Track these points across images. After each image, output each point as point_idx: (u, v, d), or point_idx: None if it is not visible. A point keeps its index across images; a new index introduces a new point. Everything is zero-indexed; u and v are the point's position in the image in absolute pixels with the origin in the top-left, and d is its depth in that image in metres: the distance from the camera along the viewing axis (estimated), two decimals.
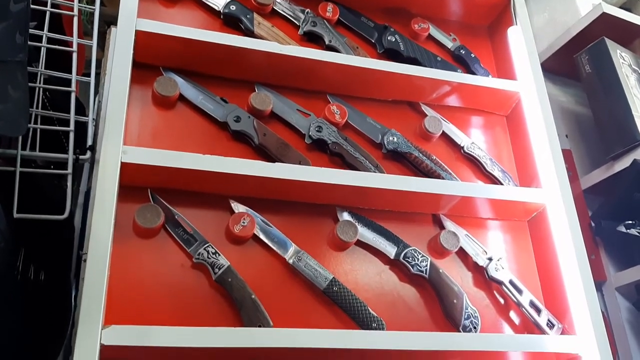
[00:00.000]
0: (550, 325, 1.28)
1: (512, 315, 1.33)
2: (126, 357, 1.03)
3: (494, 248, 1.39)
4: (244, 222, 1.20)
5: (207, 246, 1.16)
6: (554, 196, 1.37)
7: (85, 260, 1.01)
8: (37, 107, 1.24)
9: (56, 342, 0.99)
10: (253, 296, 1.13)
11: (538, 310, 1.29)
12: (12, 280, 1.03)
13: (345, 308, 1.20)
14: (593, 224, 1.59)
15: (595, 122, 1.66)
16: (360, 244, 1.29)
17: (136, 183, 1.16)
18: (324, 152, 1.35)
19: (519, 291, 1.31)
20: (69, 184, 1.12)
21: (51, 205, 1.13)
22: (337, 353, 1.11)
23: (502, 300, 1.34)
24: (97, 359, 0.94)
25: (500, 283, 1.32)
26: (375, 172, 1.32)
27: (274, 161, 1.26)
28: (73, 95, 1.23)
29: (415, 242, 1.30)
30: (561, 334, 1.28)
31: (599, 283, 1.53)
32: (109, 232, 1.03)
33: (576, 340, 1.24)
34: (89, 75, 1.29)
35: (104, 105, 1.26)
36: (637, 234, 1.45)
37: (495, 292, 1.34)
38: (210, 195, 1.22)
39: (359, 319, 1.19)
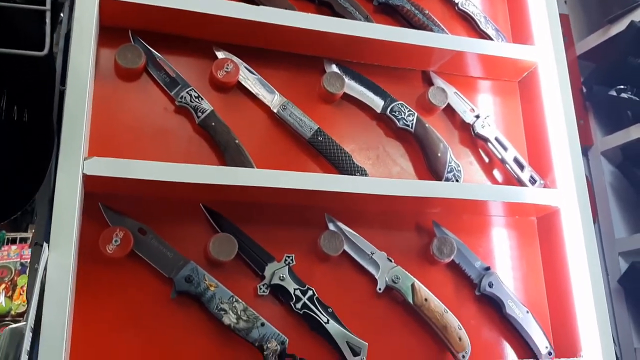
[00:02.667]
0: (532, 181, 1.30)
1: (496, 172, 1.35)
2: (110, 192, 1.04)
3: (483, 107, 1.37)
4: (227, 68, 1.17)
5: (190, 90, 1.14)
6: (546, 55, 1.34)
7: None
8: None
9: (37, 177, 0.99)
10: (237, 141, 1.13)
11: (521, 167, 1.30)
12: None
13: (330, 157, 1.20)
14: (584, 89, 1.57)
15: None
16: (347, 97, 1.27)
17: (117, 23, 1.12)
18: (311, 1, 1.30)
19: (504, 148, 1.31)
20: (48, 20, 1.07)
21: (32, 44, 1.09)
22: (321, 196, 1.13)
23: (486, 159, 1.35)
24: (80, 189, 0.95)
25: (485, 140, 1.32)
26: None
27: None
28: None
29: (403, 98, 1.29)
30: None
31: (585, 148, 1.54)
32: (87, 64, 1.00)
33: (556, 193, 1.26)
34: None
35: None
36: (628, 98, 1.44)
37: (480, 149, 1.35)
38: (194, 40, 1.19)
39: (343, 168, 1.19)
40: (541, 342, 1.22)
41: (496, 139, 1.31)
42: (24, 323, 0.84)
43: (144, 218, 1.07)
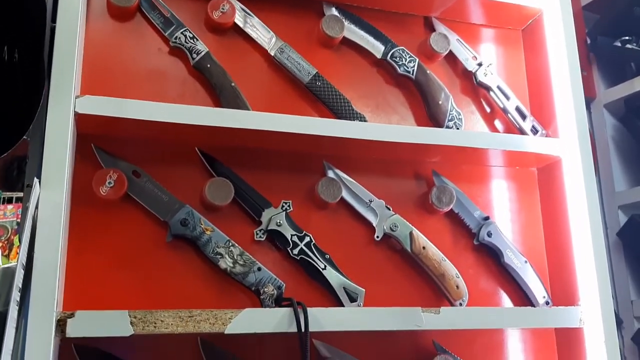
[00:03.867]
0: (534, 131, 1.27)
1: (497, 122, 1.32)
2: (103, 133, 1.02)
3: (485, 55, 1.34)
4: (223, 9, 1.13)
5: (185, 30, 1.10)
6: (551, 2, 1.30)
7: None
8: None
9: (29, 115, 0.96)
10: (233, 84, 1.10)
11: (523, 116, 1.28)
12: None
13: (328, 103, 1.17)
14: (588, 40, 1.54)
15: None
16: (347, 42, 1.24)
17: None
18: None
19: (506, 97, 1.28)
20: None
21: None
22: (319, 143, 1.10)
23: (488, 108, 1.32)
24: (71, 127, 0.92)
25: (487, 88, 1.29)
26: None
27: None
28: None
29: (404, 45, 1.25)
30: None
31: (588, 100, 1.51)
32: (78, 1, 0.97)
33: (558, 143, 1.24)
34: None
35: None
36: (633, 49, 1.40)
37: (482, 99, 1.32)
38: None
39: (342, 114, 1.17)
40: (539, 291, 1.21)
41: (498, 87, 1.28)
42: (16, 263, 0.82)
43: (138, 161, 1.04)
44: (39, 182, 0.85)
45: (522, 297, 1.22)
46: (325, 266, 1.10)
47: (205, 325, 0.91)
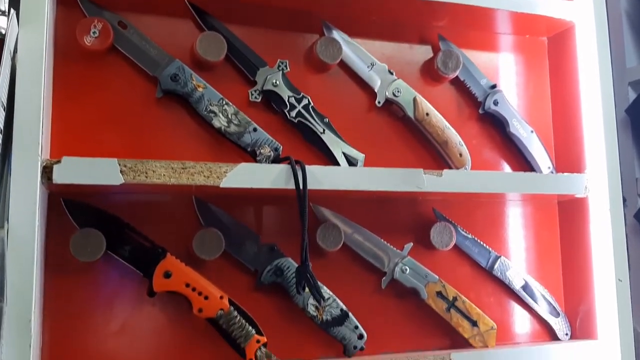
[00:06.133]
0: None
1: None
2: None
3: None
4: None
5: None
6: None
7: None
8: None
9: None
10: None
11: None
12: None
13: None
14: None
15: None
16: None
17: None
18: None
19: None
20: None
21: None
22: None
23: None
24: None
25: None
26: None
27: None
28: None
29: None
30: None
31: None
32: None
33: (572, 6, 1.17)
34: None
35: None
36: None
37: None
38: None
39: None
40: (544, 162, 1.18)
41: None
42: None
43: (123, 11, 0.97)
44: (17, 15, 0.78)
45: (527, 168, 1.19)
46: (323, 130, 1.05)
47: (200, 178, 0.87)
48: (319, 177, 0.94)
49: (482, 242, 1.14)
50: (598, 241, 1.13)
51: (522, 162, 1.19)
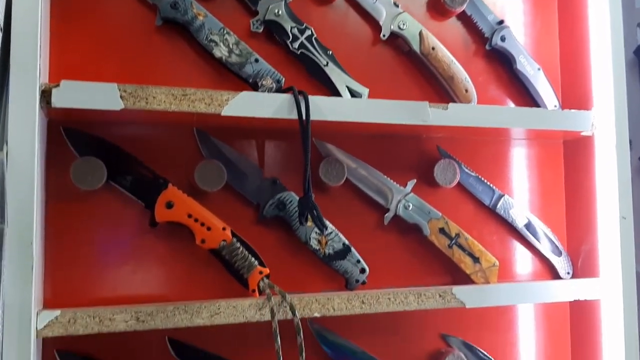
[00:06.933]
0: None
1: None
2: None
3: None
4: None
5: None
6: None
7: None
8: None
9: None
10: None
11: None
12: None
13: None
14: None
15: None
16: None
17: None
18: None
19: None
20: None
21: None
22: None
23: None
24: None
25: None
26: None
27: None
28: None
29: None
30: None
31: None
32: None
33: None
34: None
35: None
36: None
37: None
38: None
39: None
40: (550, 99, 1.16)
41: None
42: None
43: None
44: None
45: (533, 105, 1.17)
46: (327, 62, 1.03)
47: (201, 105, 0.86)
48: (322, 108, 0.92)
49: (486, 181, 1.13)
50: (603, 180, 1.12)
51: (528, 99, 1.17)
